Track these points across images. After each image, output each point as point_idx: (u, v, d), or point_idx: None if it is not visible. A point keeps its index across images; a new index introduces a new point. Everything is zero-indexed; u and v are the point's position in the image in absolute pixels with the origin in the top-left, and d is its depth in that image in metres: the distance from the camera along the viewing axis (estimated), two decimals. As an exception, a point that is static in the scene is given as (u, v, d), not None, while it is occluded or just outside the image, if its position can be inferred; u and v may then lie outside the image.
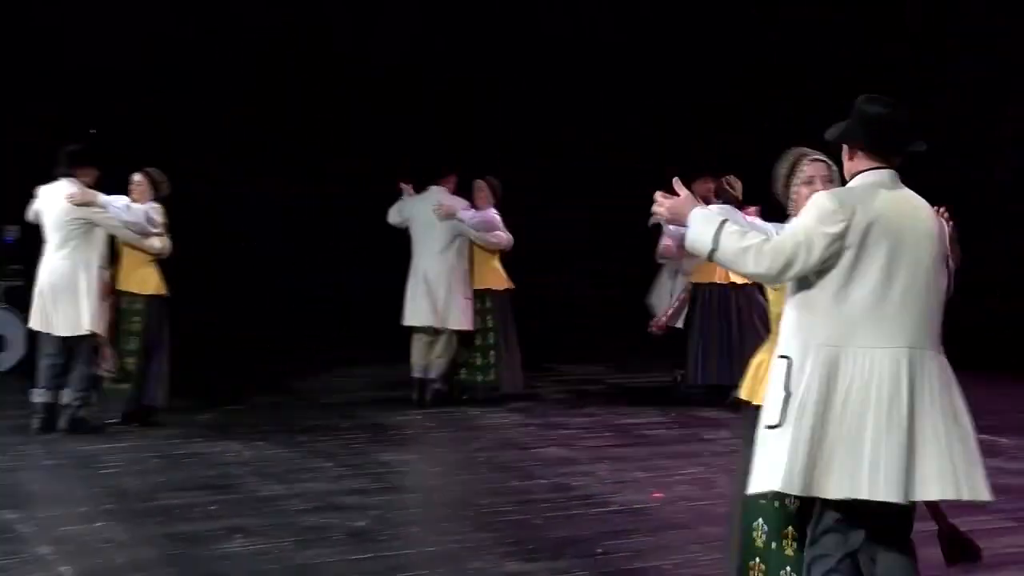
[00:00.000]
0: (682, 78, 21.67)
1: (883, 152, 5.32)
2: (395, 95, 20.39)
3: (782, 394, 5.15)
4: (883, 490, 5.00)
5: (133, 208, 11.49)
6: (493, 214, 13.33)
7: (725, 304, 12.99)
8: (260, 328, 16.91)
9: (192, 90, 18.35)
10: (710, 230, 5.28)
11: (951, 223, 5.59)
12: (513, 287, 13.56)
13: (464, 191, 13.68)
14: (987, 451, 10.87)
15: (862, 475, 5.03)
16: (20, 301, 14.74)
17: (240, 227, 18.73)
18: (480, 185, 13.55)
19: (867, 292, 5.13)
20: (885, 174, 5.31)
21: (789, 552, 5.65)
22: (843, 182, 5.61)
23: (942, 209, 5.62)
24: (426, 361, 13.23)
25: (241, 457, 10.41)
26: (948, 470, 5.13)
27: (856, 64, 19.31)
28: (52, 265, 11.46)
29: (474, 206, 13.31)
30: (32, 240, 15.15)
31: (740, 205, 12.40)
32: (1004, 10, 17.99)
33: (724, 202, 12.51)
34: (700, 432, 11.85)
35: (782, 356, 5.24)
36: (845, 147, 5.40)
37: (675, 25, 21.57)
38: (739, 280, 12.42)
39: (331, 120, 19.88)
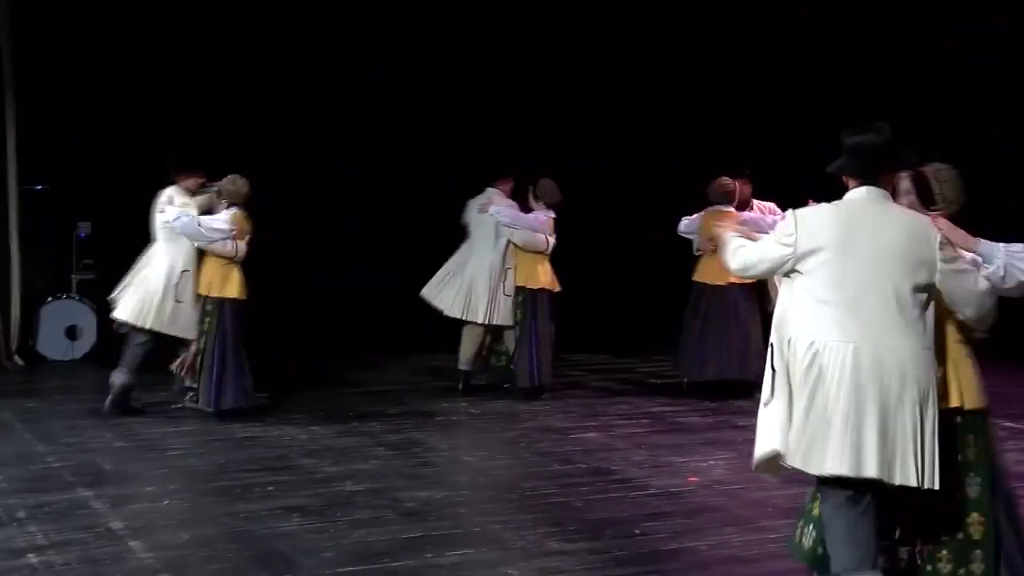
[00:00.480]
0: (682, 78, 20.63)
1: (862, 175, 6.00)
2: (395, 95, 19.39)
3: (771, 373, 5.93)
4: (837, 464, 5.64)
5: (182, 219, 11.57)
6: (533, 216, 13.13)
7: (698, 302, 13.43)
8: (288, 323, 16.72)
9: (192, 90, 17.36)
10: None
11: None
12: (553, 289, 13.30)
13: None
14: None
15: (827, 451, 5.67)
16: (92, 293, 14.96)
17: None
18: (530, 187, 13.40)
19: (823, 293, 5.82)
20: (864, 191, 5.97)
21: (815, 512, 6.08)
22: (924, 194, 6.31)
23: (933, 214, 6.13)
24: (470, 355, 13.31)
25: (297, 440, 10.51)
26: (885, 453, 5.64)
27: (856, 64, 19.16)
28: (152, 262, 11.83)
29: (524, 207, 13.22)
30: (102, 236, 15.40)
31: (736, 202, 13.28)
32: (1004, 10, 17.65)
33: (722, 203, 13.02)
34: (733, 420, 11.83)
35: (769, 344, 5.99)
36: None
37: (675, 25, 20.60)
38: (712, 281, 13.13)
39: (331, 119, 18.96)
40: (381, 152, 19.00)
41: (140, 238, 16.10)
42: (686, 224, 13.58)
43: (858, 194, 6.02)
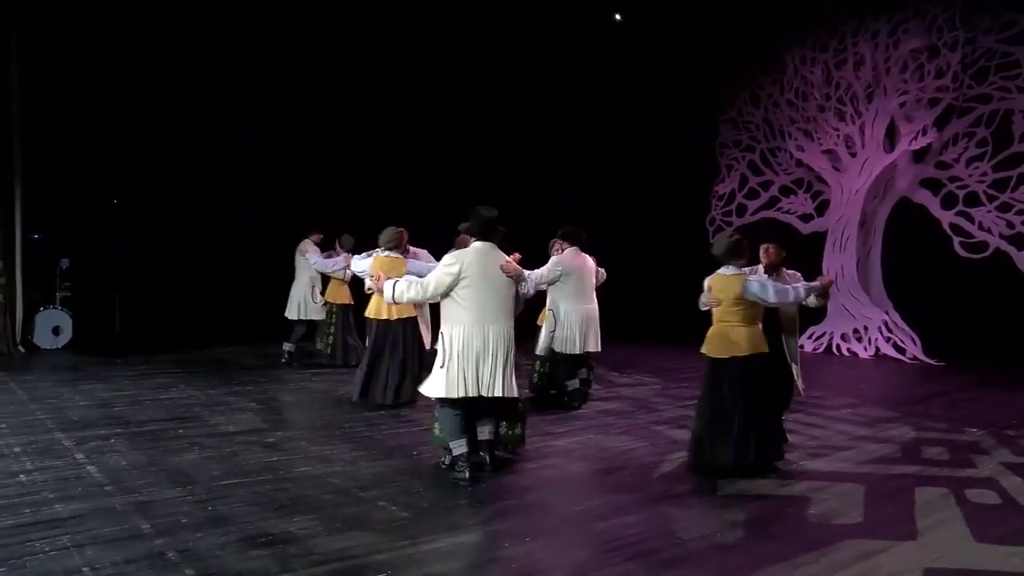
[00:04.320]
0: (683, 81, 17.66)
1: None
2: (395, 95, 16.78)
3: None
4: None
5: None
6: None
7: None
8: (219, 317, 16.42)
9: (192, 90, 15.45)
10: None
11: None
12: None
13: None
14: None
15: None
16: (69, 305, 14.70)
17: (239, 225, 15.97)
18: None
19: None
20: None
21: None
22: None
23: None
24: None
25: (199, 399, 10.27)
26: None
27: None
28: None
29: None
30: (76, 268, 14.93)
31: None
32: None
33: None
34: None
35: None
36: None
37: (675, 28, 16.93)
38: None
39: (329, 119, 16.80)
40: (376, 152, 16.96)
41: (104, 269, 15.69)
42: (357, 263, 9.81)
43: None
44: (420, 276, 7.68)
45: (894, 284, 15.71)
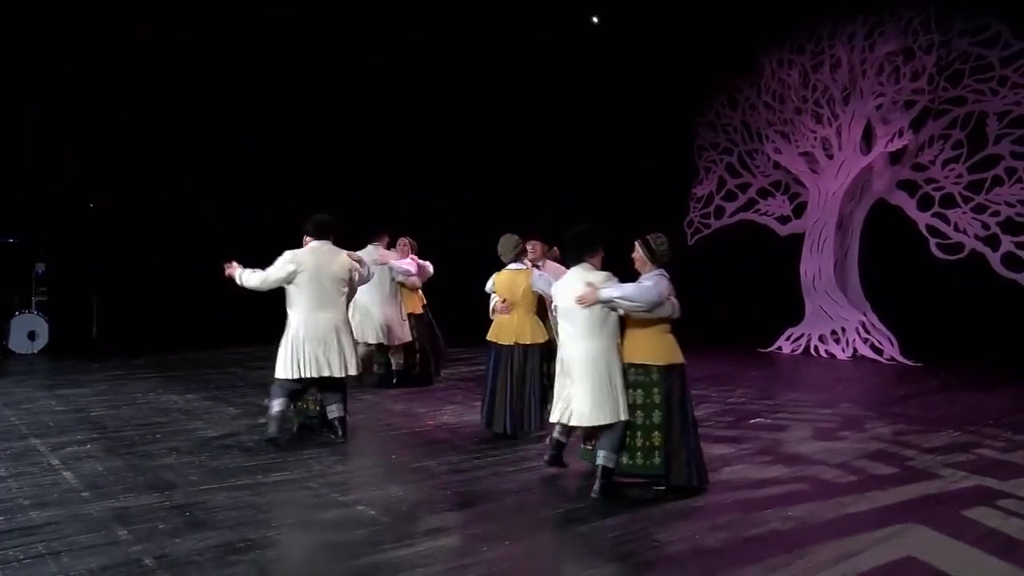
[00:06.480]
0: (682, 82, 17.26)
1: None
2: (395, 95, 16.40)
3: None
4: None
5: None
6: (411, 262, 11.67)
7: None
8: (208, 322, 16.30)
9: (192, 90, 15.13)
10: None
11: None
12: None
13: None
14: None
15: None
16: (45, 310, 14.63)
17: (237, 225, 15.51)
18: (403, 241, 11.89)
19: None
20: None
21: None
22: None
23: None
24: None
25: (177, 405, 10.23)
26: None
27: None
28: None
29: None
30: (52, 272, 14.81)
31: None
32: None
33: None
34: (457, 384, 11.86)
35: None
36: None
37: (675, 29, 16.34)
38: None
39: (328, 119, 16.46)
40: (378, 151, 16.59)
41: (80, 274, 15.58)
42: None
43: None
44: None
45: (871, 285, 15.79)
